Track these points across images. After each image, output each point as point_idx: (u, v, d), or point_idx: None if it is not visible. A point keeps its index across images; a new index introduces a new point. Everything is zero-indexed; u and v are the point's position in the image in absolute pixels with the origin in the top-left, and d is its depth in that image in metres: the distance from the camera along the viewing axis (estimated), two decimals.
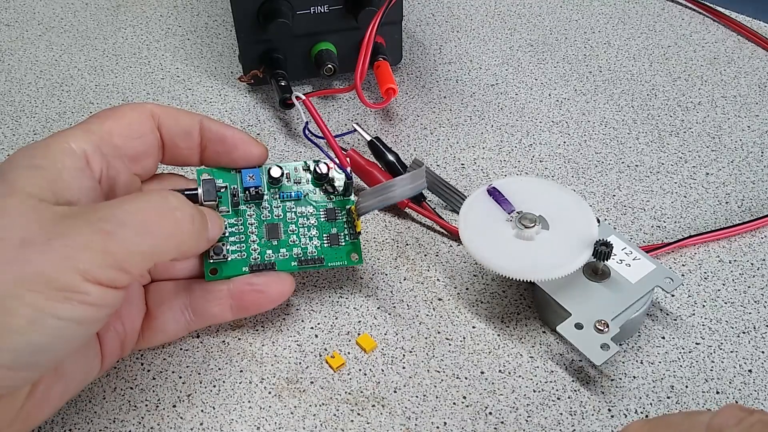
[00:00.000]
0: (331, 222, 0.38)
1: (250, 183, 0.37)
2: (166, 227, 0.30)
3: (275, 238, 0.37)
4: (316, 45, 0.50)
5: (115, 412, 0.35)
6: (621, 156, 0.48)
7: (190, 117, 0.36)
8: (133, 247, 0.29)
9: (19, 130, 0.49)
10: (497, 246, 0.37)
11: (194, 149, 0.36)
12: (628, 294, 0.37)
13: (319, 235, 0.37)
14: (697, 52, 0.55)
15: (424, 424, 0.35)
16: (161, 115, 0.35)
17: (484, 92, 0.52)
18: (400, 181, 0.37)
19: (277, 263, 0.36)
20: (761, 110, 0.51)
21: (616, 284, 0.37)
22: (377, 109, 0.50)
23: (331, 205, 0.38)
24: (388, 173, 0.44)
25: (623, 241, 0.39)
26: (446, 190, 0.44)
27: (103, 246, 0.28)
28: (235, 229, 0.37)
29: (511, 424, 0.35)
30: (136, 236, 0.29)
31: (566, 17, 0.59)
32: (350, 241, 0.37)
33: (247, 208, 0.37)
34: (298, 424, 0.35)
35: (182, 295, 0.36)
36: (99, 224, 0.28)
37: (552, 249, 0.37)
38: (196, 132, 0.36)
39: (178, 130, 0.35)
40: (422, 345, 0.38)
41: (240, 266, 0.36)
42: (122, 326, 0.34)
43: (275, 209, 0.37)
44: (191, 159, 0.36)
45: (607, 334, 0.35)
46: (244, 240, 0.36)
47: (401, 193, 0.37)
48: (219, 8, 0.59)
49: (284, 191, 0.38)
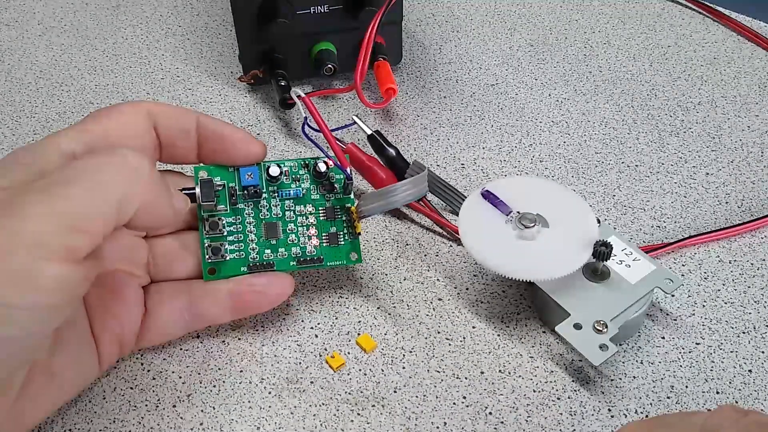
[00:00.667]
0: (331, 221, 0.38)
1: (249, 181, 0.37)
2: (119, 176, 0.28)
3: (274, 237, 0.37)
4: (316, 45, 0.50)
5: (114, 412, 0.35)
6: (621, 156, 0.48)
7: (187, 115, 0.35)
8: (84, 203, 0.27)
9: (19, 130, 0.49)
10: (497, 246, 0.37)
11: (192, 147, 0.36)
12: (627, 295, 0.37)
13: (318, 235, 0.37)
14: (697, 52, 0.55)
15: (424, 424, 0.35)
16: (158, 114, 0.34)
17: (484, 92, 0.52)
18: (402, 186, 0.37)
19: (275, 263, 0.36)
20: (761, 110, 0.51)
21: (615, 285, 0.37)
22: (377, 109, 0.50)
23: (331, 204, 0.38)
24: (388, 168, 0.44)
25: (623, 242, 0.39)
26: (446, 191, 0.44)
27: (49, 209, 0.26)
28: (233, 228, 0.36)
29: (511, 424, 0.35)
30: (86, 191, 0.27)
31: (566, 17, 0.59)
32: (349, 240, 0.37)
33: (245, 207, 0.37)
34: (298, 424, 0.35)
35: (181, 296, 0.36)
36: (46, 188, 0.27)
37: (552, 249, 0.37)
38: (193, 130, 0.35)
39: (176, 128, 0.35)
40: (422, 345, 0.38)
41: (239, 266, 0.36)
42: (120, 327, 0.34)
43: (274, 208, 0.37)
44: (189, 157, 0.36)
45: (605, 334, 0.35)
46: (242, 239, 0.36)
47: (403, 198, 0.37)
48: (219, 8, 0.59)
49: (283, 190, 0.38)
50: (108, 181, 0.28)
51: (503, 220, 0.38)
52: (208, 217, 0.36)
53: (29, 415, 0.31)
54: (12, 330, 0.26)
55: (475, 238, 0.37)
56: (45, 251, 0.26)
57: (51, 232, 0.26)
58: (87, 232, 0.27)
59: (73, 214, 0.26)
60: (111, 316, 0.34)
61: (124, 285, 0.35)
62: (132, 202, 0.29)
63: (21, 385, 0.30)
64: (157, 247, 0.36)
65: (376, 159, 0.44)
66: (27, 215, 0.26)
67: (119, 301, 0.34)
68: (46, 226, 0.26)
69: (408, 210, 0.44)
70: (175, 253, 0.36)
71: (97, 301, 0.34)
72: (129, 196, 0.28)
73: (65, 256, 0.26)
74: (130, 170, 0.29)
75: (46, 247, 0.26)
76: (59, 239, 0.26)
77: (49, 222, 0.26)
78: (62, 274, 0.26)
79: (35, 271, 0.26)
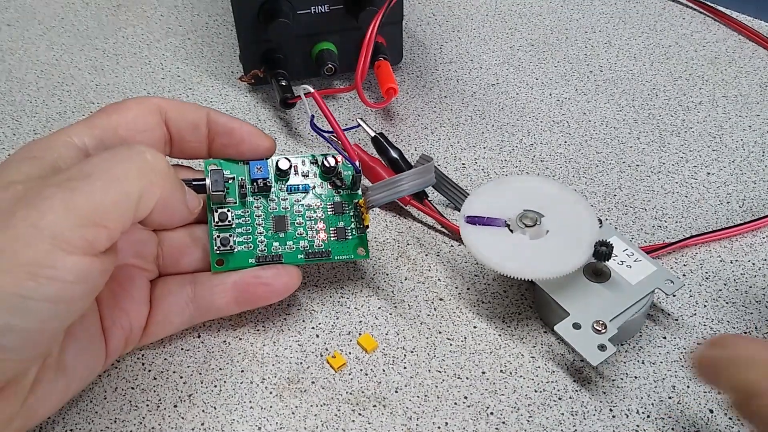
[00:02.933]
0: (339, 216, 0.38)
1: (258, 175, 0.37)
2: (137, 170, 0.28)
3: (282, 230, 0.37)
4: (316, 45, 0.50)
5: (116, 412, 0.35)
6: (622, 156, 0.48)
7: (197, 110, 0.35)
8: (102, 197, 0.27)
9: (20, 130, 0.49)
10: (498, 245, 0.37)
11: (202, 142, 0.36)
12: (627, 295, 0.37)
13: (326, 229, 0.37)
14: (698, 51, 0.55)
15: (426, 424, 0.35)
16: (168, 109, 0.35)
17: (485, 92, 0.52)
18: (409, 176, 0.37)
19: (283, 256, 0.36)
20: (762, 110, 0.51)
21: (616, 285, 0.37)
22: (378, 108, 0.50)
23: (339, 199, 0.38)
24: (392, 170, 0.44)
25: (624, 243, 0.39)
26: (449, 188, 0.44)
27: (66, 203, 0.26)
28: (242, 220, 0.37)
29: (513, 424, 0.35)
30: (104, 185, 0.27)
31: (567, 17, 0.59)
32: (357, 235, 0.37)
33: (254, 200, 0.37)
34: (300, 425, 0.35)
35: (187, 288, 0.36)
36: (65, 183, 0.27)
37: (553, 248, 0.37)
38: (203, 125, 0.35)
39: (186, 123, 0.35)
40: (423, 345, 0.38)
41: (246, 258, 0.36)
42: (129, 321, 0.34)
43: (282, 202, 0.37)
44: (199, 152, 0.36)
45: (604, 334, 0.35)
46: (251, 232, 0.36)
47: (410, 188, 0.38)
48: (220, 8, 0.59)
49: (292, 184, 0.38)
50: (127, 177, 0.28)
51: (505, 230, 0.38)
52: (217, 208, 0.36)
53: (41, 409, 0.31)
54: (29, 322, 0.26)
55: (476, 236, 0.37)
56: (64, 244, 0.26)
57: (70, 225, 0.26)
58: (106, 227, 0.27)
59: (93, 208, 0.26)
60: (120, 310, 0.34)
61: (134, 279, 0.35)
62: (150, 198, 0.29)
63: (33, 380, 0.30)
64: (166, 240, 0.36)
65: (379, 160, 0.44)
66: (46, 209, 0.26)
67: (129, 295, 0.34)
68: (66, 220, 0.26)
69: (410, 209, 0.44)
70: (184, 247, 0.37)
71: (108, 295, 0.34)
72: (147, 192, 0.29)
73: (84, 249, 0.26)
74: (148, 166, 0.29)
75: (66, 240, 0.26)
76: (78, 233, 0.26)
77: (69, 216, 0.26)
78: (81, 267, 0.26)
79: (54, 263, 0.26)
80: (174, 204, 0.31)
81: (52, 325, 0.27)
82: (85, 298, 0.28)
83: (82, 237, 0.26)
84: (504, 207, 0.38)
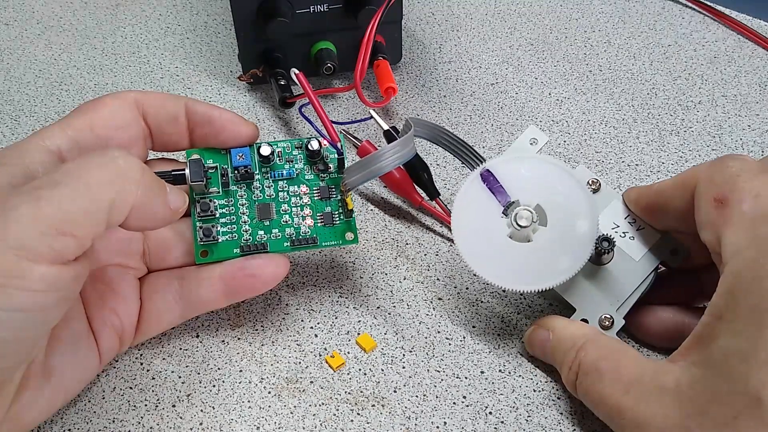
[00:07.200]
0: (325, 201, 0.37)
1: (240, 162, 0.36)
2: (108, 177, 0.28)
3: (267, 218, 0.36)
4: (315, 44, 0.50)
5: (114, 412, 0.35)
6: (621, 155, 0.47)
7: (174, 101, 0.35)
8: (70, 205, 0.26)
9: (18, 129, 0.49)
10: (492, 253, 0.35)
11: (182, 133, 0.35)
12: (632, 276, 0.36)
13: (312, 215, 0.37)
14: (698, 51, 0.55)
15: (424, 423, 0.35)
16: (145, 102, 0.34)
17: (484, 91, 0.52)
18: (388, 151, 0.35)
19: (269, 244, 0.36)
20: (762, 109, 0.51)
21: (620, 266, 0.36)
22: (377, 108, 0.50)
23: (325, 184, 0.37)
24: (402, 167, 0.43)
25: (627, 209, 0.37)
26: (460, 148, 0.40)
27: (33, 213, 0.26)
28: (225, 210, 0.36)
29: (512, 423, 0.35)
30: (72, 193, 0.26)
31: (566, 16, 0.59)
32: (345, 219, 0.37)
33: (237, 189, 0.37)
34: (298, 424, 0.35)
35: (174, 283, 0.35)
36: (33, 192, 0.26)
37: (551, 250, 0.35)
38: (182, 116, 0.35)
39: (164, 115, 0.35)
40: (422, 344, 0.38)
41: (231, 248, 0.36)
42: (119, 320, 0.34)
43: (267, 189, 0.37)
44: (181, 143, 0.36)
45: (612, 329, 0.35)
46: (235, 221, 0.36)
47: (389, 163, 0.35)
48: (218, 7, 0.59)
49: (276, 170, 0.37)
50: (97, 184, 0.27)
51: (498, 216, 0.36)
52: (199, 198, 0.36)
53: (28, 416, 0.30)
54: (1, 332, 0.26)
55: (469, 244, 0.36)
56: (31, 254, 0.25)
57: (36, 235, 0.26)
58: (74, 236, 0.26)
59: (60, 217, 0.26)
60: (109, 310, 0.34)
61: (121, 278, 0.35)
62: (123, 205, 0.28)
63: (18, 386, 0.29)
64: (152, 236, 0.36)
65: None
66: (12, 219, 0.26)
67: (117, 294, 0.34)
68: (31, 230, 0.25)
69: (409, 209, 0.44)
70: (170, 241, 0.36)
71: (95, 296, 0.34)
72: (119, 199, 0.28)
73: (52, 258, 0.26)
74: (120, 173, 0.28)
75: (32, 250, 0.25)
76: (45, 242, 0.26)
77: (35, 226, 0.26)
78: (50, 276, 0.26)
79: (21, 272, 0.25)
80: (153, 207, 0.30)
81: (27, 334, 0.27)
82: (59, 305, 0.28)
83: (48, 246, 0.26)
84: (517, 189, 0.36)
